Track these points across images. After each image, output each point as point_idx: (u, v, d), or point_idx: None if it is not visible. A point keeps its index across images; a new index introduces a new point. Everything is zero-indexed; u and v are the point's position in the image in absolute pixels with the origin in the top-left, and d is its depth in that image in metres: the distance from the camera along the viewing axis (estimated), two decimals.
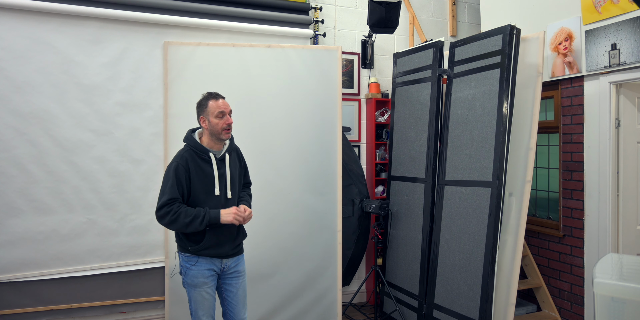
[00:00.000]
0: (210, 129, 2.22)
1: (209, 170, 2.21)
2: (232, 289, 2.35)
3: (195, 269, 2.21)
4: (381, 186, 4.14)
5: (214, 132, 2.22)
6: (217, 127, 2.21)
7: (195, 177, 2.17)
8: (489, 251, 2.79)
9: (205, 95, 2.28)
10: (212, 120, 2.21)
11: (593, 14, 3.10)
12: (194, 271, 2.21)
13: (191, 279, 2.21)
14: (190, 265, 2.21)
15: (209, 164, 2.22)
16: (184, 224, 2.07)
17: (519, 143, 2.95)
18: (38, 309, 3.11)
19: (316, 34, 3.92)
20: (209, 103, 2.22)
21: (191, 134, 2.27)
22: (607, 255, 2.27)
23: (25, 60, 3.02)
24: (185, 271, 2.22)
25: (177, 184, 2.12)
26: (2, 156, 2.98)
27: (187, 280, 2.22)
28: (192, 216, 2.08)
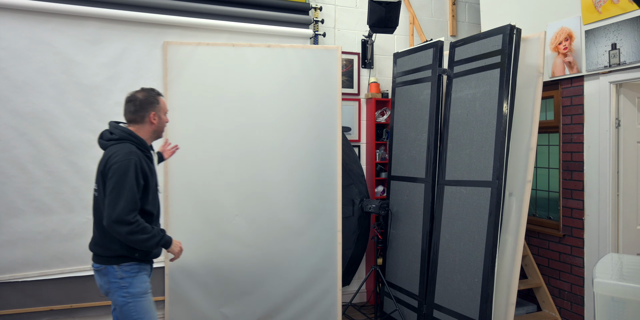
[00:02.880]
0: (159, 125, 2.15)
1: (153, 168, 2.13)
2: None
3: (139, 275, 2.06)
4: (381, 186, 4.14)
5: (160, 129, 2.17)
6: (164, 124, 2.19)
7: (149, 176, 2.05)
8: (489, 251, 2.79)
9: (148, 90, 2.14)
10: (162, 117, 2.16)
11: (593, 13, 3.10)
12: (139, 277, 2.05)
13: (139, 286, 2.03)
14: (134, 274, 2.03)
15: (152, 161, 2.14)
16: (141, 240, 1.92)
17: (519, 143, 2.95)
18: (38, 309, 3.11)
19: (316, 33, 3.92)
20: (161, 99, 2.16)
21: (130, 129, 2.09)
22: (607, 255, 2.27)
23: (25, 60, 3.02)
24: (131, 281, 2.01)
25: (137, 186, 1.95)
26: (2, 156, 2.98)
27: (134, 290, 2.00)
28: (150, 234, 1.95)
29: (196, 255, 3.22)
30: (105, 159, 2.00)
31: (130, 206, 1.90)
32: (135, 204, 1.92)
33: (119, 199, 1.89)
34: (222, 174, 3.26)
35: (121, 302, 1.99)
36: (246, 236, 3.28)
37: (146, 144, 2.10)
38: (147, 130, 2.13)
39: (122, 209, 1.88)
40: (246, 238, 3.28)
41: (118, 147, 2.00)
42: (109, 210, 1.89)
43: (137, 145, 2.06)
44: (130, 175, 1.93)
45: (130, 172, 1.93)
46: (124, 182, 1.91)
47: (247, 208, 3.28)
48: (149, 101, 2.11)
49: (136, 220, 1.92)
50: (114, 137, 2.04)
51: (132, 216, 1.91)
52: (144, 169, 2.02)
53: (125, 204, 1.89)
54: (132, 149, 2.00)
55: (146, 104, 2.10)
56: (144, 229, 1.93)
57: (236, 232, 3.26)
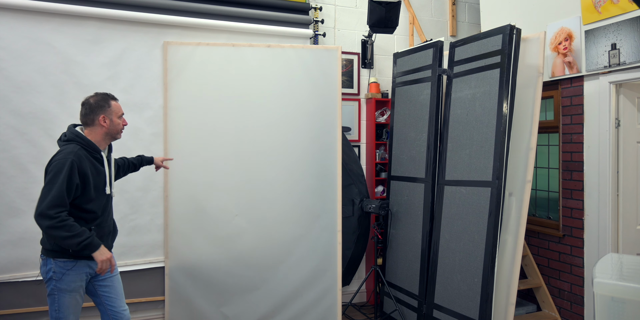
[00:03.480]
0: (111, 128, 2.24)
1: (101, 168, 2.21)
2: (110, 283, 2.30)
3: (73, 273, 2.13)
4: (381, 186, 4.14)
5: (113, 131, 2.26)
6: (119, 127, 2.27)
7: (89, 175, 2.13)
8: (489, 251, 2.79)
9: (101, 95, 2.25)
10: (114, 119, 2.24)
11: (593, 13, 3.10)
12: (71, 276, 2.12)
13: (67, 284, 2.11)
14: (66, 270, 2.11)
15: (100, 162, 2.23)
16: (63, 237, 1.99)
17: (519, 143, 2.95)
18: (38, 309, 3.11)
19: (316, 34, 3.92)
20: (112, 103, 2.25)
21: (78, 131, 2.20)
22: (607, 255, 2.27)
23: (25, 60, 3.02)
24: (61, 277, 2.10)
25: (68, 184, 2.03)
26: (2, 156, 2.98)
27: (61, 285, 2.10)
28: (75, 232, 2.00)
29: (196, 255, 3.23)
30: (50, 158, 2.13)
31: (55, 201, 1.98)
32: (61, 200, 2.00)
33: (48, 193, 1.99)
34: (221, 173, 3.26)
35: (48, 291, 2.12)
36: (246, 236, 3.28)
37: (94, 146, 2.19)
38: (99, 132, 2.22)
39: (47, 204, 1.97)
40: (246, 238, 3.28)
41: (64, 147, 2.13)
42: (38, 204, 2.00)
43: (84, 146, 2.15)
44: (63, 173, 2.02)
45: (64, 171, 2.02)
46: (56, 179, 2.01)
47: (247, 208, 3.28)
48: (99, 105, 2.21)
49: (58, 216, 1.98)
50: (64, 138, 2.18)
51: (55, 211, 1.98)
52: (84, 168, 2.10)
53: (51, 198, 1.98)
54: (74, 150, 2.10)
55: (96, 108, 2.21)
56: (67, 227, 1.99)
57: (236, 232, 3.27)
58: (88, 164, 2.13)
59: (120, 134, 2.30)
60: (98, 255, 2.08)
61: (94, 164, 2.17)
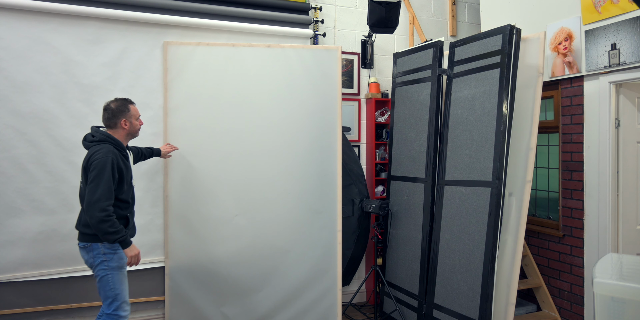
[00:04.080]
0: (131, 129, 2.55)
1: (128, 164, 2.54)
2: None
3: (119, 251, 2.44)
4: (381, 186, 4.14)
5: (133, 131, 2.57)
6: (137, 127, 2.59)
7: (123, 170, 2.45)
8: (489, 251, 2.79)
9: (121, 100, 2.53)
10: (133, 122, 2.55)
11: (593, 13, 3.10)
12: (119, 253, 2.44)
13: (117, 261, 2.42)
14: (114, 250, 2.42)
15: (127, 158, 2.54)
16: (106, 232, 2.29)
17: (519, 143, 2.95)
18: (38, 309, 3.11)
19: (316, 34, 3.92)
20: (131, 107, 2.55)
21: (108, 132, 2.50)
22: (607, 255, 2.27)
23: (25, 60, 3.02)
24: (112, 257, 2.41)
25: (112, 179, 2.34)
26: (2, 156, 2.98)
27: (113, 264, 2.41)
28: (116, 229, 2.32)
29: (196, 255, 3.23)
30: (88, 157, 2.40)
31: (105, 195, 2.30)
32: (109, 193, 2.32)
33: (97, 188, 2.30)
34: (221, 173, 3.26)
35: (102, 273, 2.39)
36: (246, 236, 3.28)
37: (122, 144, 2.51)
38: (121, 133, 2.53)
39: (100, 196, 2.28)
40: (246, 238, 3.28)
41: (99, 147, 2.41)
42: (89, 197, 2.29)
43: (115, 145, 2.46)
44: (107, 169, 2.32)
45: (107, 167, 2.33)
46: (102, 175, 2.31)
47: (246, 208, 3.28)
48: (120, 110, 2.51)
49: (108, 209, 2.30)
50: (95, 139, 2.45)
51: (107, 204, 2.30)
52: (120, 165, 2.42)
53: (102, 192, 2.29)
54: (110, 149, 2.40)
55: (117, 113, 2.50)
56: (112, 222, 2.31)
57: (236, 231, 3.27)
58: (120, 160, 2.43)
59: (138, 133, 2.62)
60: (129, 251, 2.41)
61: (123, 160, 2.48)
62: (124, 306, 2.44)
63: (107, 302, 2.41)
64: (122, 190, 2.45)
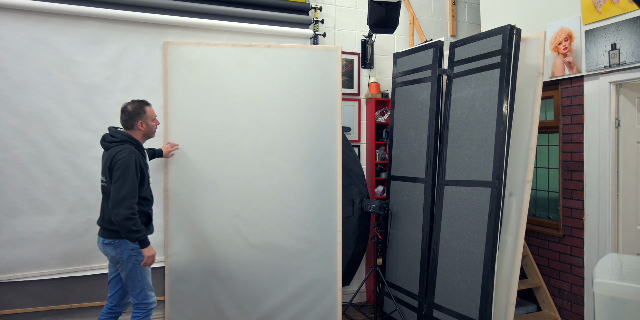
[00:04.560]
0: (147, 130, 2.65)
1: (147, 163, 2.65)
2: None
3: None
4: (381, 186, 4.14)
5: (150, 132, 2.67)
6: (153, 128, 2.69)
7: (144, 170, 2.56)
8: (489, 251, 2.79)
9: (137, 102, 2.62)
10: (149, 123, 2.64)
11: (593, 14, 3.10)
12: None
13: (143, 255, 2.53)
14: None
15: (145, 158, 2.66)
16: (130, 230, 2.39)
17: (519, 143, 2.95)
18: (38, 309, 3.11)
19: (316, 34, 3.92)
20: (147, 109, 2.63)
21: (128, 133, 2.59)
22: (607, 255, 2.27)
23: (25, 60, 3.02)
24: (139, 251, 2.51)
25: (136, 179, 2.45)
26: (2, 156, 2.98)
27: (142, 258, 2.53)
28: (139, 228, 2.42)
29: (196, 255, 3.23)
30: (111, 156, 2.47)
31: (131, 193, 2.41)
32: (135, 191, 2.43)
33: (123, 186, 2.40)
34: (221, 173, 3.26)
35: (132, 266, 2.52)
36: (246, 236, 3.28)
37: (141, 144, 2.61)
38: (138, 134, 2.63)
39: (125, 194, 2.39)
40: (246, 238, 3.28)
41: (121, 147, 2.50)
42: (115, 195, 2.39)
43: (135, 145, 2.55)
44: (131, 168, 2.43)
45: (131, 166, 2.43)
46: (127, 174, 2.41)
47: (246, 208, 3.28)
48: (137, 112, 2.60)
49: (134, 208, 2.40)
50: (115, 140, 2.53)
51: (132, 202, 2.40)
52: (141, 164, 2.52)
53: (127, 190, 2.40)
54: (132, 149, 2.50)
55: (134, 115, 2.59)
56: (135, 221, 2.40)
57: (236, 231, 3.27)
58: (141, 159, 2.54)
59: (154, 133, 2.71)
60: (146, 251, 2.48)
61: (143, 159, 2.58)
62: (151, 293, 2.59)
63: (136, 292, 2.54)
64: (142, 189, 2.55)
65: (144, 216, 2.59)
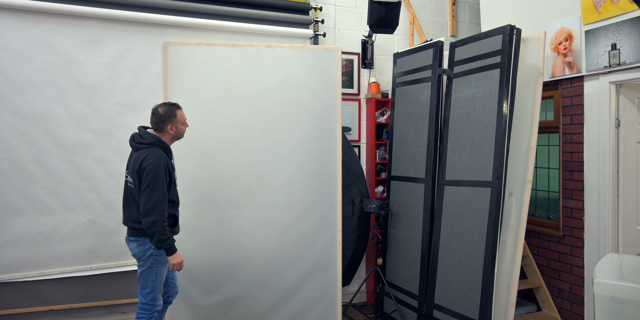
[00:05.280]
0: (177, 133, 2.63)
1: (174, 165, 2.65)
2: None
3: None
4: (381, 186, 4.14)
5: (179, 135, 2.66)
6: (182, 131, 2.66)
7: (172, 173, 2.57)
8: (489, 251, 2.79)
9: (169, 105, 2.59)
10: (179, 127, 2.63)
11: (593, 14, 3.10)
12: None
13: (165, 256, 2.55)
14: None
15: (172, 160, 2.66)
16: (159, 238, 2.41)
17: (519, 143, 2.95)
18: (38, 309, 3.11)
19: (316, 34, 3.92)
20: (178, 113, 2.61)
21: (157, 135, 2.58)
22: (607, 255, 2.27)
23: (25, 60, 3.02)
24: (159, 252, 2.53)
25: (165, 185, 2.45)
26: (2, 156, 2.98)
27: (161, 258, 2.54)
28: (167, 236, 2.43)
29: (196, 255, 3.22)
30: (140, 159, 2.47)
31: (162, 199, 2.42)
32: (165, 197, 2.44)
33: (153, 192, 2.41)
34: (221, 174, 3.26)
35: (149, 264, 2.53)
36: (246, 236, 3.28)
37: (169, 148, 2.61)
38: (167, 137, 2.62)
39: (156, 201, 2.40)
40: (246, 238, 3.28)
41: (150, 150, 2.50)
42: (146, 201, 2.40)
43: (164, 149, 2.56)
44: (161, 174, 2.44)
45: (161, 172, 2.44)
46: (157, 180, 2.43)
47: (246, 208, 3.28)
48: (167, 116, 2.58)
49: (164, 214, 2.42)
50: (144, 142, 2.53)
51: (163, 208, 2.41)
52: (169, 168, 2.53)
53: (158, 197, 2.41)
54: (161, 153, 2.51)
55: (165, 118, 2.57)
56: (164, 228, 2.42)
57: (236, 231, 3.27)
58: (169, 163, 2.54)
59: (183, 135, 2.70)
60: (172, 258, 2.50)
61: (171, 163, 2.59)
62: (159, 297, 2.58)
63: (145, 291, 2.54)
64: (170, 192, 2.55)
65: (171, 218, 2.59)
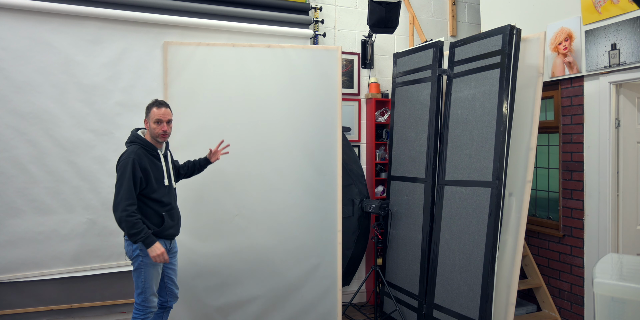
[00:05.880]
0: (150, 131, 2.56)
1: (159, 164, 2.58)
2: (173, 266, 2.72)
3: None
4: (381, 186, 4.14)
5: (152, 134, 2.56)
6: (154, 131, 2.55)
7: (149, 170, 2.49)
8: (489, 251, 2.79)
9: (152, 101, 2.58)
10: (151, 124, 2.54)
11: (593, 14, 3.10)
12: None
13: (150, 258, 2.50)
14: None
15: (158, 159, 2.58)
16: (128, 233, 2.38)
17: (519, 143, 2.95)
18: (38, 309, 3.11)
19: (316, 34, 3.92)
20: (152, 109, 2.54)
21: (138, 133, 2.56)
22: (607, 255, 2.27)
23: (25, 60, 3.02)
24: (145, 253, 2.48)
25: (134, 179, 2.40)
26: (2, 156, 2.98)
27: (147, 260, 2.49)
28: (137, 230, 2.38)
29: (196, 255, 3.22)
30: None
31: (126, 195, 2.38)
32: (130, 193, 2.39)
33: (120, 188, 2.39)
34: (221, 174, 3.26)
35: (136, 265, 2.51)
36: (245, 236, 3.28)
37: (150, 145, 2.55)
38: (148, 134, 2.58)
39: (121, 197, 2.37)
40: (245, 238, 3.28)
41: (127, 148, 2.51)
42: (114, 197, 2.39)
43: (142, 146, 2.51)
44: (128, 170, 2.39)
45: (128, 168, 2.40)
46: (123, 176, 2.40)
47: (246, 208, 3.28)
48: (146, 110, 2.56)
49: (127, 210, 2.36)
50: (127, 141, 2.56)
51: (126, 204, 2.37)
52: (143, 164, 2.45)
53: (123, 193, 2.38)
54: (134, 150, 2.46)
55: (145, 112, 2.57)
56: (131, 223, 2.37)
57: (236, 232, 3.26)
58: (147, 160, 2.49)
59: (159, 137, 2.55)
60: (151, 251, 2.45)
61: (152, 160, 2.53)
62: (152, 298, 2.54)
63: (137, 292, 2.53)
64: (151, 189, 2.50)
65: (157, 217, 2.54)
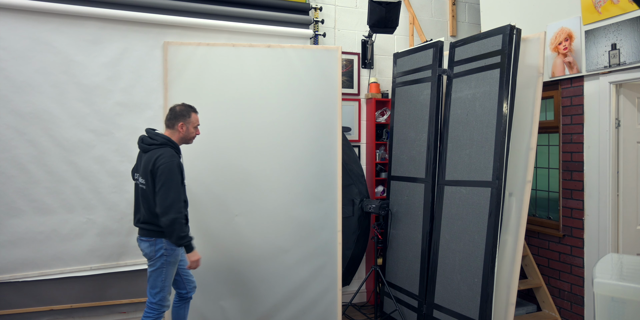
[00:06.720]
0: (185, 135, 2.65)
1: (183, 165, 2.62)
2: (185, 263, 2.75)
3: (178, 249, 2.61)
4: (381, 186, 4.14)
5: (188, 138, 2.67)
6: (192, 135, 2.67)
7: (183, 173, 2.58)
8: (489, 251, 2.79)
9: (186, 106, 2.66)
10: (190, 128, 2.65)
11: (593, 14, 3.10)
12: (177, 250, 2.61)
13: (175, 257, 2.59)
14: (174, 247, 2.57)
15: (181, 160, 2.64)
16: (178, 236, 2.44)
17: (519, 143, 2.95)
18: (38, 309, 3.11)
19: (316, 34, 3.92)
20: (192, 115, 2.66)
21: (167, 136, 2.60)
22: (607, 255, 2.27)
23: (25, 60, 3.02)
24: (172, 252, 2.56)
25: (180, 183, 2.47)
26: (2, 156, 2.98)
27: (171, 259, 2.57)
28: (186, 233, 2.47)
29: None
30: (152, 160, 2.48)
31: (179, 197, 2.44)
32: (180, 195, 2.46)
33: (169, 191, 2.42)
34: (221, 173, 3.26)
35: (159, 265, 2.54)
36: (246, 236, 3.27)
37: (179, 148, 2.62)
38: (176, 136, 2.64)
39: (173, 199, 2.42)
40: (246, 238, 3.27)
41: (162, 151, 2.51)
42: (162, 201, 2.41)
43: (174, 149, 2.57)
44: (175, 173, 2.46)
45: (175, 171, 2.46)
46: (171, 179, 2.44)
47: (247, 208, 3.28)
48: (182, 114, 2.63)
49: (183, 212, 2.44)
50: (155, 142, 2.54)
51: (181, 206, 2.43)
52: (181, 167, 2.54)
53: (174, 195, 2.43)
54: (172, 153, 2.52)
55: (179, 115, 2.63)
56: (183, 226, 2.44)
57: (236, 232, 3.26)
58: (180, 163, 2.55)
59: (192, 140, 2.71)
60: (191, 255, 2.55)
61: (181, 163, 2.58)
62: (168, 297, 2.60)
63: (155, 291, 2.56)
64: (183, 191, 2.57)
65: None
